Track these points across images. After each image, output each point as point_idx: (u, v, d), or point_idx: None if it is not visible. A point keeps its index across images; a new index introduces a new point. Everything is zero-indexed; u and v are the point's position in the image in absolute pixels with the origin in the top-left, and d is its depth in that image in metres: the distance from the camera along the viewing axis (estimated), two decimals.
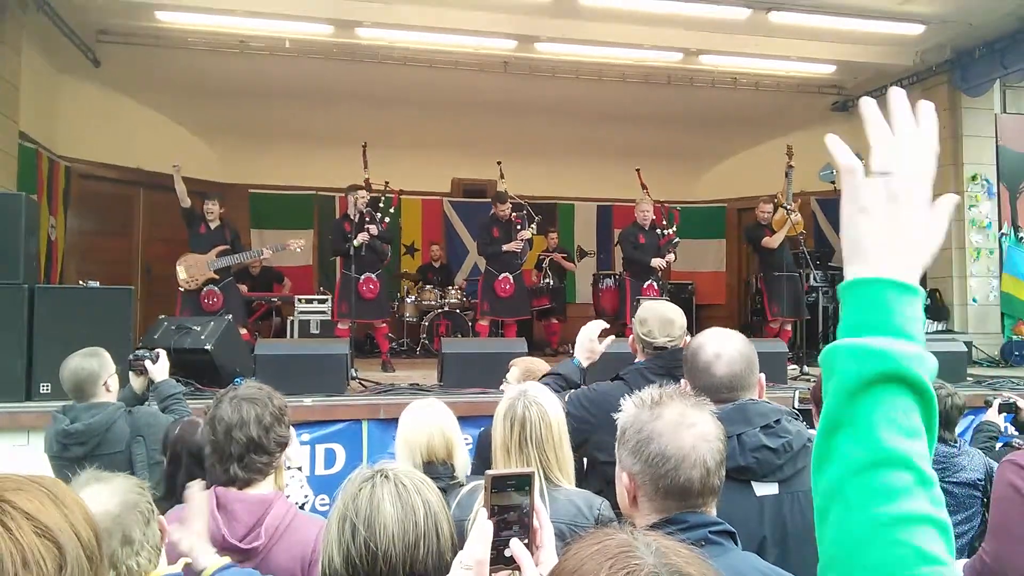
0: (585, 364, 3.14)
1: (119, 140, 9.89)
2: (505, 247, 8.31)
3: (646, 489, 1.49)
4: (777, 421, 1.96)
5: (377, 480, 1.48)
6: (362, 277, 7.68)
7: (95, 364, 3.46)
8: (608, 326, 3.20)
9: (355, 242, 7.49)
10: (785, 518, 1.90)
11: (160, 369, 3.76)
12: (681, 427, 1.47)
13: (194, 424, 2.74)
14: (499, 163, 9.41)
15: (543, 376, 3.20)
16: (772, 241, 8.45)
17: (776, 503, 1.91)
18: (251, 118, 10.71)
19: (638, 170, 9.26)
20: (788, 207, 8.41)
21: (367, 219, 7.68)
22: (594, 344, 3.10)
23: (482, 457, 2.70)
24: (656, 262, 8.18)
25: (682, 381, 2.16)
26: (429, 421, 2.56)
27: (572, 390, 3.01)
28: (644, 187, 9.08)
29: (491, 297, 8.35)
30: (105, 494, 1.71)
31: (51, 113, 9.07)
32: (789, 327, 8.60)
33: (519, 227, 8.37)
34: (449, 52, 9.27)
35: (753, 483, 1.91)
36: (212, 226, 7.57)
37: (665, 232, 8.47)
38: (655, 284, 8.24)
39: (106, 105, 9.74)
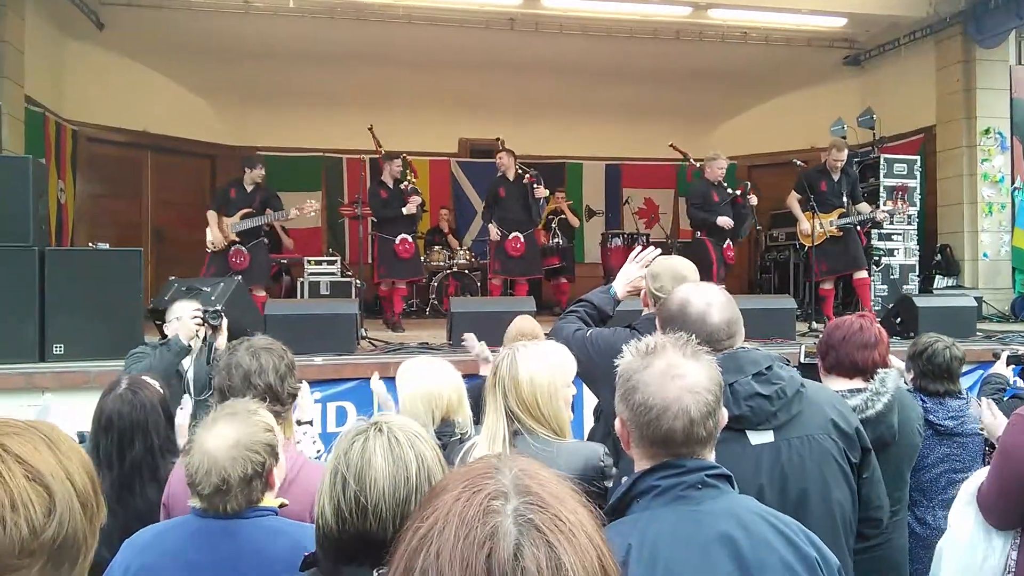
0: (622, 295, 3.05)
1: (125, 103, 9.86)
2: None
3: (634, 435, 1.51)
4: (769, 368, 1.93)
5: (371, 434, 1.47)
6: (397, 239, 7.86)
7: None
8: (660, 252, 3.04)
9: (404, 211, 7.86)
10: (783, 465, 1.89)
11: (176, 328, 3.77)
12: (667, 377, 1.47)
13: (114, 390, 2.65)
14: (499, 139, 9.18)
15: (576, 301, 3.11)
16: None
17: (773, 451, 1.90)
18: (256, 80, 10.65)
19: (672, 144, 8.85)
20: None
21: (406, 190, 8.00)
22: (638, 276, 2.99)
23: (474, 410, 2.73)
24: (722, 220, 7.55)
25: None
26: (440, 380, 2.57)
27: (595, 329, 2.93)
28: (684, 154, 8.68)
29: (502, 256, 8.33)
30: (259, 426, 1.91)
31: (57, 77, 9.04)
32: (864, 275, 7.77)
33: (535, 184, 8.15)
34: (454, 9, 9.15)
35: (748, 432, 1.89)
36: (248, 190, 7.50)
37: (736, 192, 7.73)
38: (732, 244, 7.74)
39: (111, 68, 9.69)
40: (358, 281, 8.20)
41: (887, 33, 10.21)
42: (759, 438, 1.90)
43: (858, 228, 7.86)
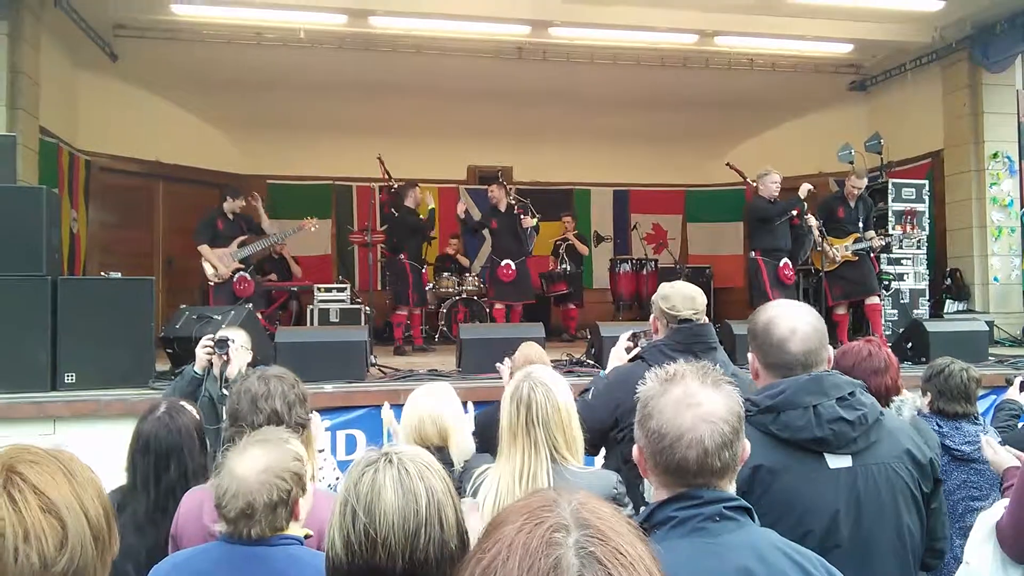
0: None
1: (138, 133, 9.96)
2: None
3: (649, 463, 1.50)
4: (852, 393, 1.94)
5: (380, 465, 1.45)
6: (424, 268, 8.71)
7: None
8: (633, 335, 3.31)
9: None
10: (859, 491, 1.90)
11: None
12: (682, 405, 1.46)
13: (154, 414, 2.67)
14: (500, 172, 9.49)
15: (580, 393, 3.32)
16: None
17: (850, 476, 1.91)
18: (267, 109, 10.75)
19: (729, 164, 8.88)
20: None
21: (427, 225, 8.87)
22: (623, 353, 3.21)
23: (482, 438, 2.74)
24: (814, 221, 7.53)
25: (748, 355, 2.14)
26: (422, 408, 2.59)
27: (591, 388, 3.07)
28: (742, 174, 8.65)
29: (496, 283, 8.83)
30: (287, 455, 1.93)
31: (71, 108, 9.14)
32: (876, 300, 7.93)
33: (521, 215, 8.74)
34: (462, 39, 9.23)
35: (827, 455, 1.90)
36: (231, 219, 7.77)
37: (792, 213, 7.69)
38: (790, 263, 7.65)
39: (124, 99, 9.79)
40: (368, 308, 8.25)
41: (893, 58, 10.25)
42: (837, 462, 1.91)
43: (870, 254, 7.91)
